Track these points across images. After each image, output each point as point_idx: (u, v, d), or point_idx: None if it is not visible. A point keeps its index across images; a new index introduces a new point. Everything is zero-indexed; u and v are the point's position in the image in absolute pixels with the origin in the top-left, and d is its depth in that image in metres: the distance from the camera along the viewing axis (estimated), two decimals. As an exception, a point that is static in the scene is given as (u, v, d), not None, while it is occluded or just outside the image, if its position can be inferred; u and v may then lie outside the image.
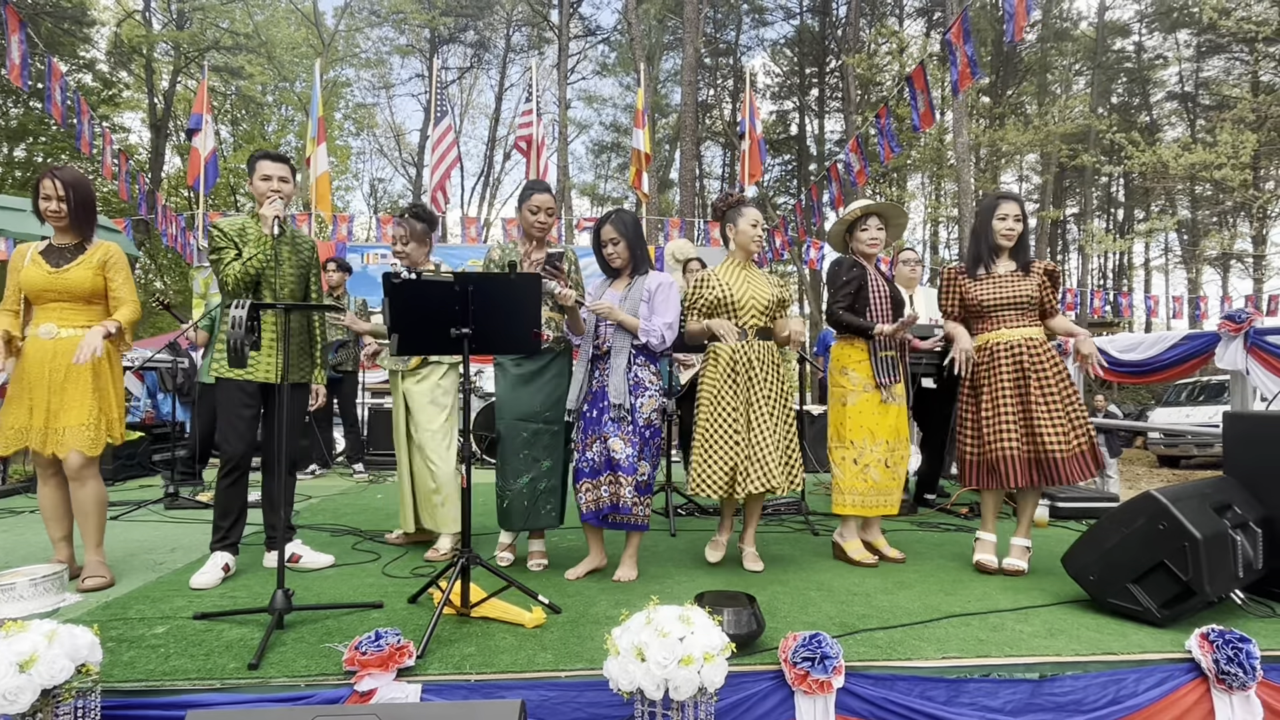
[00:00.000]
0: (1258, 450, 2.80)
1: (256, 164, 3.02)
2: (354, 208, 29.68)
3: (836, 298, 3.35)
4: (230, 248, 2.97)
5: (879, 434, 3.27)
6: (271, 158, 3.03)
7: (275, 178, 2.99)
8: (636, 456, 2.93)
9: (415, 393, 3.43)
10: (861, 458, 3.27)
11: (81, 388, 2.88)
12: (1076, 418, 3.02)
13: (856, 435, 3.28)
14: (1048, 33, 22.78)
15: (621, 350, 2.98)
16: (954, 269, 3.29)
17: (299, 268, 3.14)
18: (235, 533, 3.05)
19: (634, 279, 3.06)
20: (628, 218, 3.11)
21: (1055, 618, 2.54)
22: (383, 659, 1.96)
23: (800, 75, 28.11)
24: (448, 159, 10.21)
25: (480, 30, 28.73)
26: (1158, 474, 13.53)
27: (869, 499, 3.28)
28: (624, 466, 2.91)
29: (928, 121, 6.65)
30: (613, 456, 2.92)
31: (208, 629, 2.36)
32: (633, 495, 2.91)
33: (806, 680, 1.96)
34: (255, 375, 2.98)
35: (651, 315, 3.00)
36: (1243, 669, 2.06)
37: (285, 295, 3.06)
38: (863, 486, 3.27)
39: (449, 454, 3.43)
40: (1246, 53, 20.71)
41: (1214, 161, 13.84)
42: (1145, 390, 18.06)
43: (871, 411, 3.27)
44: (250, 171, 3.06)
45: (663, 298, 3.01)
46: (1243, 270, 23.38)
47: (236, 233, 3.00)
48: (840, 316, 3.32)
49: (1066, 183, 25.54)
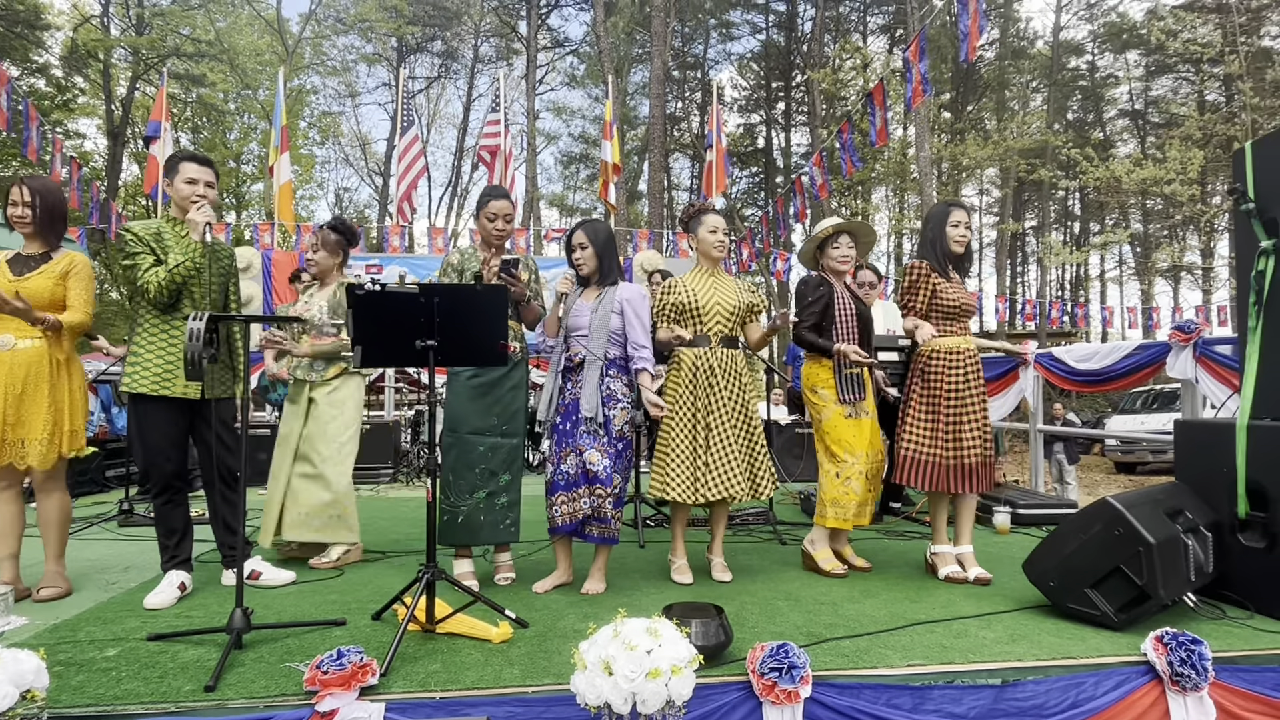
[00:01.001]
0: (1207, 457, 2.88)
1: (179, 166, 2.87)
2: (319, 218, 29.30)
3: (802, 316, 3.39)
4: (147, 253, 2.80)
5: (857, 447, 3.29)
6: (196, 160, 2.89)
7: (201, 182, 2.86)
8: (612, 468, 2.92)
9: (326, 402, 3.43)
10: (843, 471, 3.28)
11: (39, 399, 2.84)
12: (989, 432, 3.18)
13: (838, 449, 3.31)
14: (1006, 51, 23.43)
15: (594, 363, 2.97)
16: (927, 265, 3.24)
17: (220, 276, 3.00)
18: (184, 549, 2.96)
19: (604, 290, 3.05)
20: (600, 226, 3.12)
21: (1017, 623, 2.58)
22: (345, 678, 1.91)
23: (767, 89, 28.50)
24: (414, 169, 10.12)
25: (448, 40, 28.64)
26: (1115, 480, 13.87)
27: (850, 511, 3.29)
28: (602, 478, 2.89)
29: (883, 137, 6.82)
30: (590, 469, 2.89)
31: (162, 650, 2.28)
32: (611, 507, 2.90)
33: (774, 690, 1.96)
34: (174, 390, 2.83)
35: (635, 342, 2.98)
36: (1195, 670, 2.11)
37: (207, 305, 2.90)
38: (845, 499, 3.28)
39: (349, 467, 3.46)
40: (1192, 73, 21.53)
41: (1163, 177, 14.33)
42: (1102, 398, 18.54)
43: (845, 426, 3.30)
44: (170, 173, 2.87)
45: (634, 318, 2.99)
46: (1192, 282, 24.20)
47: (152, 237, 2.83)
48: (803, 336, 3.37)
49: (1025, 196, 26.22)
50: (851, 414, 3.30)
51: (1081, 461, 11.37)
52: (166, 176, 2.91)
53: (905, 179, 22.43)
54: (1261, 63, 16.61)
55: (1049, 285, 28.19)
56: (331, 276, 3.64)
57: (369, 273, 9.19)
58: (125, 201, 20.86)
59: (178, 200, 2.88)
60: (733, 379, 3.17)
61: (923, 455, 3.20)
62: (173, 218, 2.92)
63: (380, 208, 27.04)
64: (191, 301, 2.89)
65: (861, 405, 3.33)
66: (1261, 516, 2.66)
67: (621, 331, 2.98)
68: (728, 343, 3.20)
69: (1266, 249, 2.71)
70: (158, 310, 2.85)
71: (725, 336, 3.20)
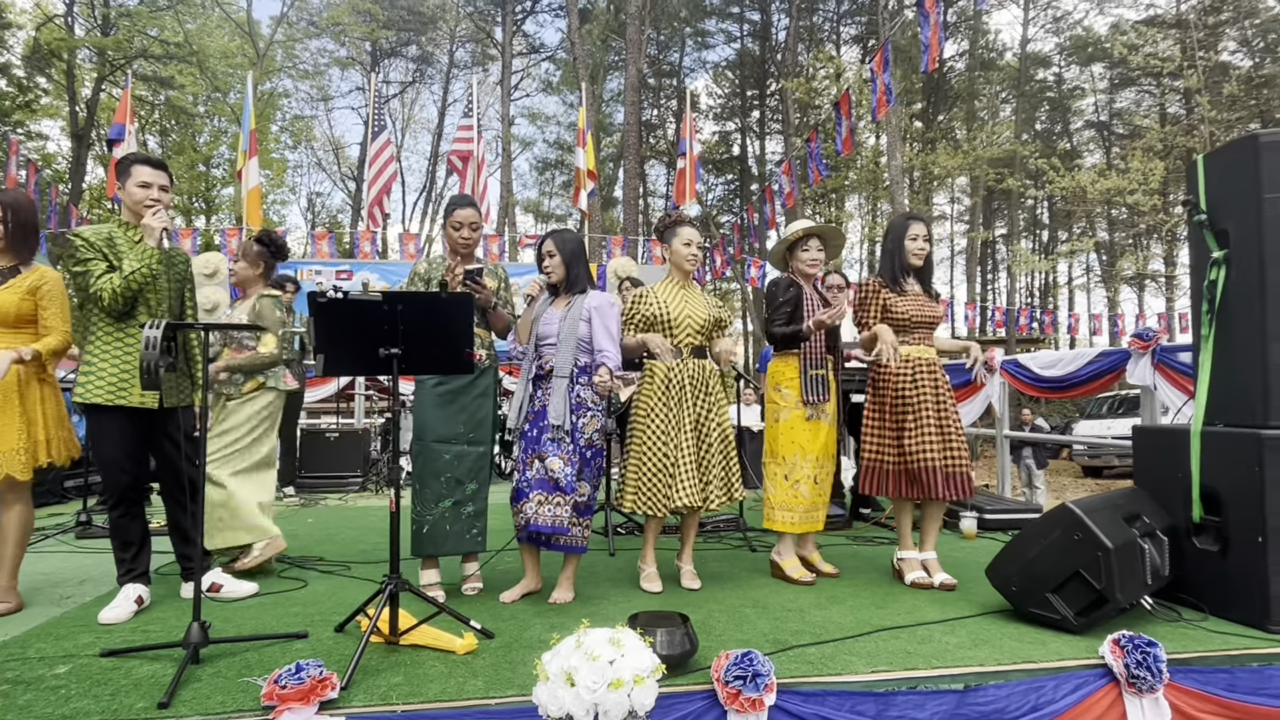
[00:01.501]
0: (1163, 462, 2.95)
1: (131, 169, 2.79)
2: (290, 222, 28.97)
3: (773, 316, 3.41)
4: (98, 259, 2.73)
5: (810, 450, 3.31)
6: (149, 163, 2.82)
7: (155, 185, 2.79)
8: (576, 476, 2.90)
9: (239, 413, 3.38)
10: (792, 474, 3.32)
11: (10, 411, 2.80)
12: (955, 439, 3.19)
13: (788, 451, 3.33)
14: (975, 62, 23.86)
15: (563, 371, 2.96)
16: (876, 281, 3.34)
17: (176, 283, 2.94)
18: (141, 562, 2.90)
19: (573, 298, 3.05)
20: (569, 236, 3.13)
21: (980, 628, 2.61)
22: (303, 692, 1.88)
23: (742, 97, 28.72)
24: (385, 174, 10.05)
25: (423, 45, 28.50)
26: (1083, 483, 14.12)
27: (798, 515, 3.32)
28: (563, 486, 2.87)
29: (848, 146, 6.93)
30: (551, 476, 2.88)
31: (115, 666, 2.23)
32: (571, 516, 2.88)
33: (739, 699, 1.96)
34: (130, 400, 2.76)
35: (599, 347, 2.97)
36: (1151, 672, 2.15)
37: (163, 312, 2.86)
38: (793, 502, 3.31)
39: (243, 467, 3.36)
40: (1154, 86, 22.10)
41: (1126, 187, 14.66)
42: (1070, 403, 18.88)
43: (803, 428, 3.32)
44: (122, 176, 2.80)
45: (601, 325, 2.99)
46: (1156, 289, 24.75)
47: (104, 242, 2.75)
48: (775, 331, 3.38)
49: (995, 205, 26.66)
50: (812, 415, 3.32)
51: (1050, 466, 11.57)
52: (119, 180, 2.84)
53: (878, 187, 22.72)
54: (1218, 77, 17.11)
55: (1018, 292, 28.70)
56: (253, 287, 3.56)
57: (339, 278, 9.09)
58: (90, 205, 20.43)
59: (130, 204, 2.81)
60: (706, 388, 3.20)
61: (876, 462, 3.25)
62: (125, 222, 2.85)
63: (353, 212, 26.78)
64: (147, 309, 2.83)
65: (823, 408, 3.34)
66: (1215, 521, 2.72)
67: (589, 338, 2.98)
68: (698, 354, 3.23)
69: (1218, 259, 2.78)
70: (111, 318, 2.78)
71: (695, 348, 3.23)
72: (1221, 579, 2.69)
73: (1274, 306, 2.63)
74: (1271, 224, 2.64)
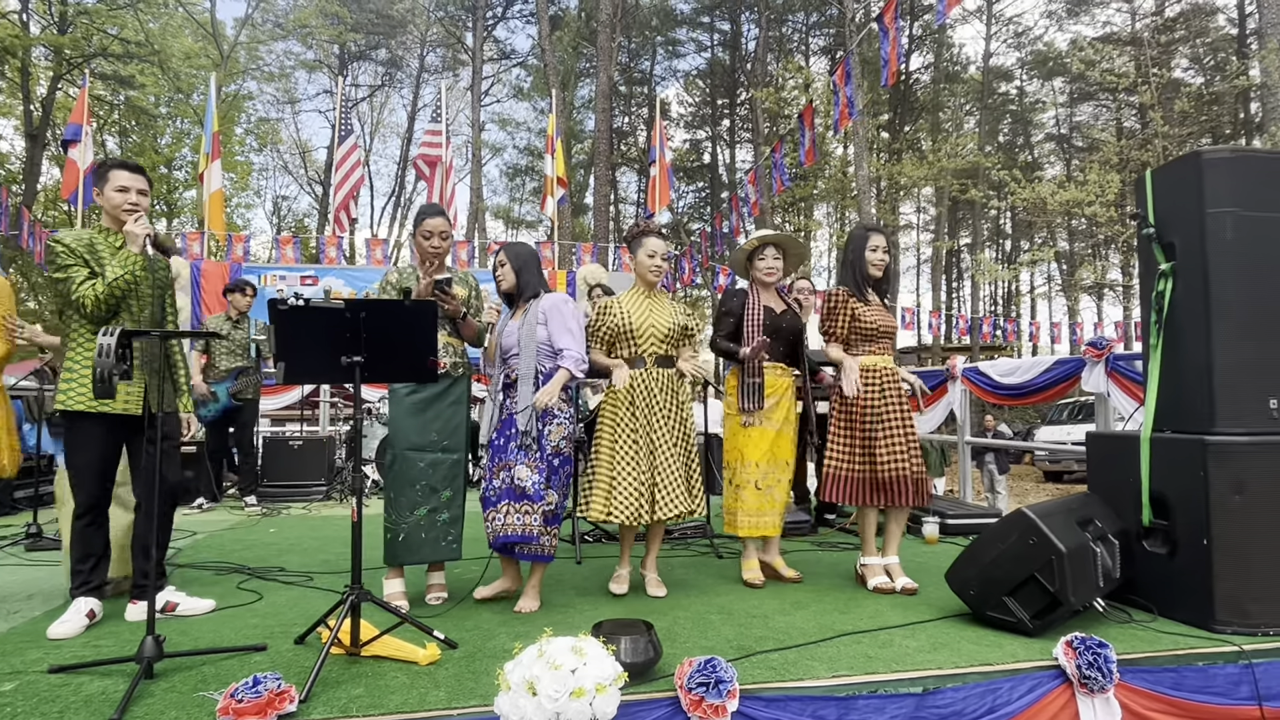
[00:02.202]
0: (1115, 467, 3.03)
1: (110, 174, 2.76)
2: (255, 225, 28.49)
3: (718, 327, 3.51)
4: (79, 265, 2.68)
5: (750, 456, 3.37)
6: (127, 168, 2.79)
7: (133, 190, 2.76)
8: (544, 485, 2.90)
9: None
10: (735, 478, 3.40)
11: None
12: (915, 447, 3.25)
13: (732, 457, 3.42)
14: (940, 75, 24.36)
15: (528, 378, 2.96)
16: (844, 291, 3.35)
17: (156, 289, 2.90)
18: (98, 575, 2.82)
19: (528, 304, 3.07)
20: (521, 247, 3.19)
21: (940, 632, 2.66)
22: (260, 705, 1.85)
23: (712, 106, 28.96)
24: (352, 178, 9.94)
25: (393, 49, 28.27)
26: (1044, 488, 14.42)
27: (737, 518, 3.39)
28: (530, 494, 2.87)
29: (810, 157, 7.05)
30: (519, 485, 2.88)
31: (64, 683, 2.17)
32: (539, 524, 2.88)
33: (701, 706, 1.97)
34: (115, 407, 2.72)
35: (558, 346, 2.99)
36: (1101, 672, 2.21)
37: (145, 319, 2.82)
38: (734, 506, 3.39)
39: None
40: (1111, 101, 22.75)
41: (1085, 199, 15.06)
42: (1032, 410, 19.29)
43: (743, 435, 3.39)
44: (100, 182, 2.77)
45: (559, 322, 3.01)
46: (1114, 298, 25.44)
47: (85, 249, 2.71)
48: (716, 344, 3.49)
49: (959, 215, 27.21)
50: (748, 422, 3.37)
51: (1012, 471, 11.79)
52: (96, 185, 2.80)
53: (846, 196, 23.05)
54: (1171, 93, 17.68)
55: (982, 301, 29.29)
56: None
57: (304, 284, 8.96)
58: (45, 207, 19.88)
59: (109, 209, 2.78)
60: (671, 397, 3.23)
61: (842, 470, 3.29)
62: (105, 228, 2.82)
63: (320, 217, 26.41)
64: (130, 315, 2.79)
65: (762, 414, 3.37)
66: (1164, 524, 2.80)
67: (549, 341, 2.99)
68: (663, 363, 3.26)
69: (1165, 271, 2.88)
70: (92, 324, 2.73)
71: (660, 357, 3.25)
72: (1169, 581, 2.78)
73: (1218, 317, 2.73)
74: (1214, 237, 2.74)
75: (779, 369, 3.46)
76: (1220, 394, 2.70)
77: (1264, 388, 2.72)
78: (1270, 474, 2.63)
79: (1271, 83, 13.02)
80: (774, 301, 3.52)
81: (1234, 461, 2.62)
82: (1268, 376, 2.72)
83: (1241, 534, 2.60)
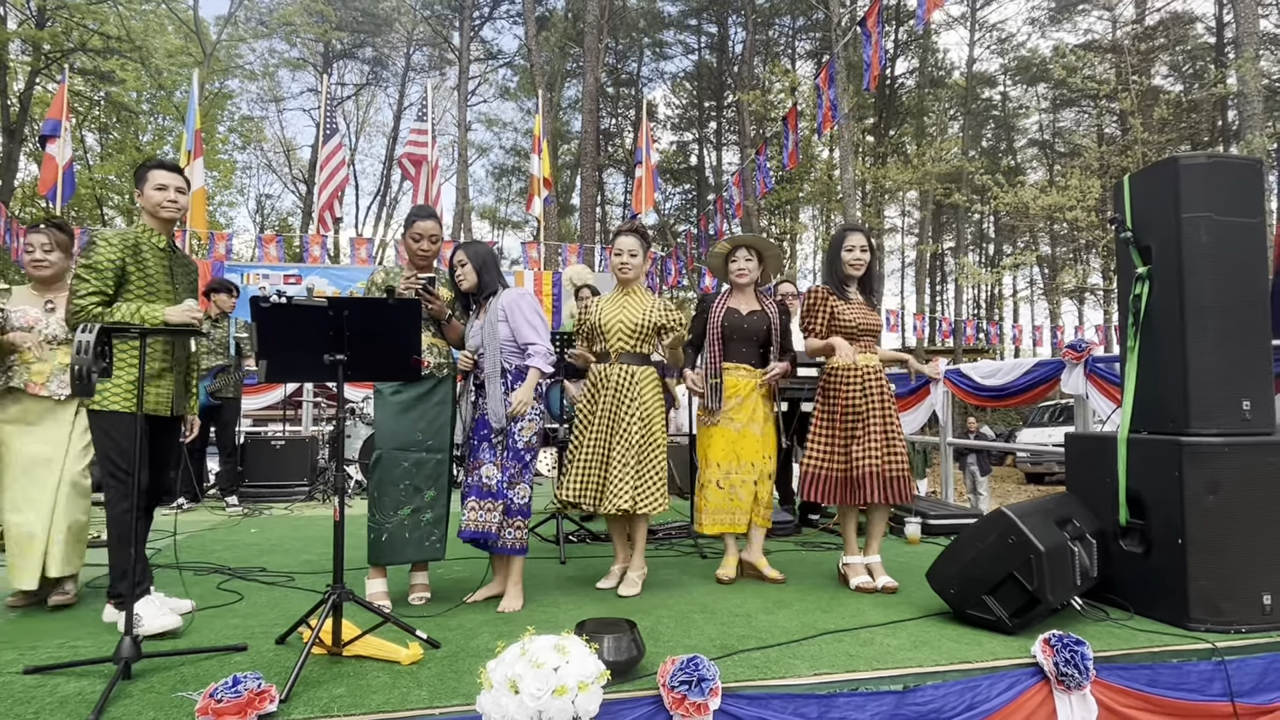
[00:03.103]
0: (1093, 468, 3.07)
1: (149, 174, 2.82)
2: (238, 224, 28.22)
3: (690, 329, 3.61)
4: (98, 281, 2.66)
5: (710, 456, 3.44)
6: (164, 167, 2.86)
7: (172, 187, 2.82)
8: (509, 482, 2.94)
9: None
10: (700, 477, 3.49)
11: None
12: (897, 445, 3.27)
13: (698, 457, 3.54)
14: (925, 80, 24.57)
15: (494, 377, 2.98)
16: (824, 289, 3.38)
17: (186, 291, 2.96)
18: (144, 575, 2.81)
19: (487, 303, 3.09)
20: (479, 246, 3.20)
21: (920, 630, 2.68)
22: (240, 705, 1.84)
23: (699, 108, 29.04)
24: (337, 177, 9.88)
25: (378, 47, 28.12)
26: (1025, 490, 14.58)
27: (704, 516, 3.45)
28: (494, 491, 2.93)
29: (794, 160, 7.12)
30: (484, 482, 2.93)
31: (40, 684, 2.14)
32: (501, 519, 2.92)
33: (684, 704, 1.98)
34: (147, 408, 2.72)
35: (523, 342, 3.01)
36: (1078, 670, 2.24)
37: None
38: (700, 504, 3.48)
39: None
40: (1092, 107, 23.04)
41: (1066, 204, 15.23)
42: (1014, 412, 19.48)
43: (706, 434, 3.49)
44: (140, 183, 2.84)
45: (519, 317, 3.02)
46: (1095, 302, 25.76)
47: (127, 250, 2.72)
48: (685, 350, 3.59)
49: (943, 219, 27.44)
50: (707, 422, 3.47)
51: (994, 473, 11.91)
52: (137, 187, 2.88)
53: (831, 199, 23.18)
54: (1150, 100, 17.93)
55: (965, 304, 29.55)
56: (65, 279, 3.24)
57: (287, 283, 8.89)
58: (22, 204, 19.59)
59: (149, 208, 2.82)
60: (630, 392, 3.24)
61: (820, 469, 3.31)
62: (148, 227, 2.85)
63: (304, 216, 26.21)
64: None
65: (725, 414, 3.44)
66: (1140, 524, 2.84)
67: (513, 338, 3.00)
68: (631, 359, 3.28)
69: (1142, 274, 2.93)
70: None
71: (627, 353, 3.28)
72: (1145, 580, 2.82)
73: (1192, 319, 2.77)
74: (1189, 241, 2.78)
75: (743, 370, 3.48)
76: (1195, 395, 2.75)
77: (1237, 389, 2.76)
78: (1243, 474, 2.67)
79: (1248, 91, 13.25)
80: (743, 303, 3.54)
81: (1208, 462, 2.67)
82: (1241, 378, 2.77)
83: (1215, 533, 2.64)
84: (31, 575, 2.92)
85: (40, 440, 3.02)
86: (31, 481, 2.97)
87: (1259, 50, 13.79)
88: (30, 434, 3.03)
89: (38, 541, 2.92)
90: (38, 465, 2.99)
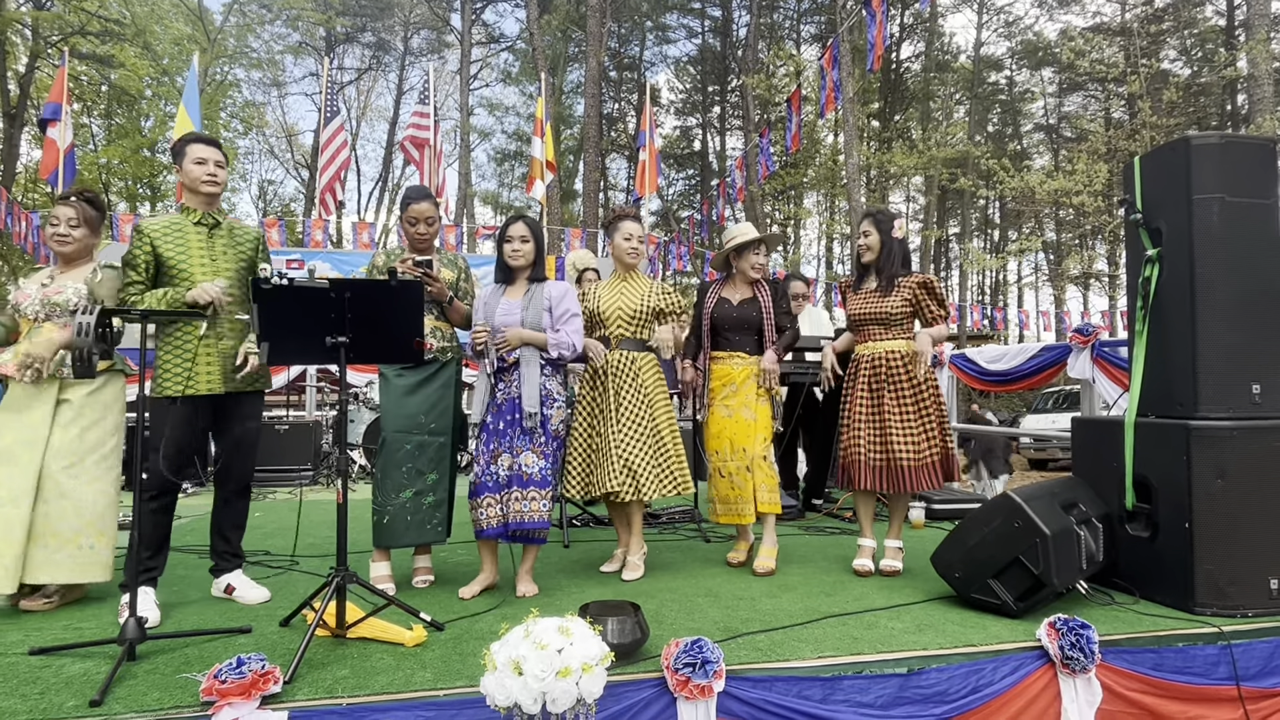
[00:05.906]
0: (1099, 452, 3.05)
1: (187, 148, 2.80)
2: (241, 210, 28.16)
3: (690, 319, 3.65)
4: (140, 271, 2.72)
5: (709, 444, 3.47)
6: (203, 140, 2.84)
7: (211, 161, 2.80)
8: (550, 470, 2.90)
9: (86, 405, 2.78)
10: (709, 466, 3.50)
11: None
12: (931, 429, 3.20)
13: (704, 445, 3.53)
14: (930, 64, 24.34)
15: (531, 361, 2.92)
16: (845, 282, 3.52)
17: (238, 262, 2.88)
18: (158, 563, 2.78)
19: (532, 286, 3.02)
20: (537, 224, 3.13)
21: (925, 614, 2.68)
22: (244, 686, 1.84)
23: (703, 93, 28.81)
24: (338, 161, 9.83)
25: (379, 32, 27.91)
26: (1029, 476, 14.55)
27: (717, 507, 3.46)
28: (536, 480, 2.85)
29: (796, 143, 7.07)
30: (525, 471, 2.84)
31: (45, 665, 2.15)
32: (544, 509, 2.86)
33: (688, 686, 1.98)
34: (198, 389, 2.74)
35: (556, 325, 2.97)
36: (1083, 653, 2.23)
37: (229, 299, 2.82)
38: (711, 494, 3.50)
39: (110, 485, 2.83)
40: (1100, 91, 22.81)
41: (1072, 189, 15.13)
42: (1018, 398, 19.43)
43: (706, 424, 3.52)
44: (178, 157, 2.81)
45: (564, 307, 3.00)
46: (1100, 288, 25.61)
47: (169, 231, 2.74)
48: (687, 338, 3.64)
49: (948, 204, 27.27)
50: (701, 409, 3.53)
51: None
52: (175, 162, 2.84)
53: (836, 184, 23.04)
54: (1159, 84, 17.74)
55: (970, 290, 29.43)
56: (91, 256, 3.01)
57: (290, 267, 8.87)
58: (24, 189, 19.56)
59: (188, 183, 2.80)
60: (630, 379, 3.22)
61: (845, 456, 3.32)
62: (187, 206, 2.84)
63: (306, 201, 26.13)
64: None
65: (720, 402, 3.45)
66: (1146, 508, 2.83)
67: (554, 327, 2.98)
68: (630, 345, 3.28)
69: (1152, 257, 2.89)
70: None
71: (625, 339, 3.28)
72: (1151, 564, 2.81)
73: (1203, 302, 2.74)
74: (1201, 223, 2.75)
75: (737, 359, 3.46)
76: (1204, 379, 2.72)
77: (1247, 373, 2.74)
78: (1252, 459, 2.65)
79: (1258, 74, 13.10)
80: (737, 292, 3.50)
81: (1216, 446, 2.64)
82: (1251, 361, 2.75)
83: (1222, 518, 2.62)
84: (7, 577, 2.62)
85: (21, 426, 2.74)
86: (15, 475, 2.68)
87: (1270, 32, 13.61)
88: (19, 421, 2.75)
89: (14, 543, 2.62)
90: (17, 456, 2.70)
